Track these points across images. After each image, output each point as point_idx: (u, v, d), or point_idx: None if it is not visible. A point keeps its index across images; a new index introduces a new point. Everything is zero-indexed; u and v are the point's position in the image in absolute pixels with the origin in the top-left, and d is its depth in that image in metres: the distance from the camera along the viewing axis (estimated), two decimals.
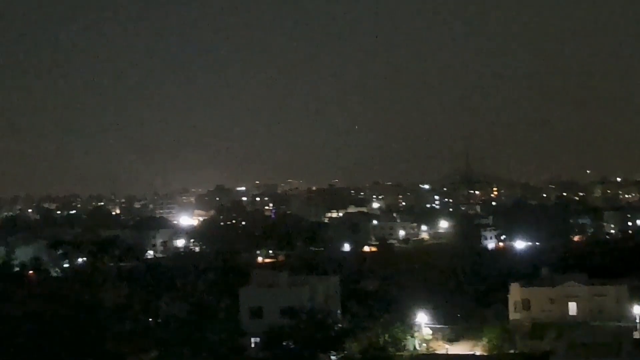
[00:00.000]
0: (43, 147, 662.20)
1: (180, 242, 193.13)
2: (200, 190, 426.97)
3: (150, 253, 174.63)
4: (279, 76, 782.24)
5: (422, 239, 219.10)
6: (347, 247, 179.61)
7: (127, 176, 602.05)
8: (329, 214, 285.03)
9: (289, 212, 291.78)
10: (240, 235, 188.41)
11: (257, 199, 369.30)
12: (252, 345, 67.24)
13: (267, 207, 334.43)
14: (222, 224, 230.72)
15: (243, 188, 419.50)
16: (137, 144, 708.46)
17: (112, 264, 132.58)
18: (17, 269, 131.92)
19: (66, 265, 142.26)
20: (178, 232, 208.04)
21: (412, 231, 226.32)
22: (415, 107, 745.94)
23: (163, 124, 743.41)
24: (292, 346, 62.17)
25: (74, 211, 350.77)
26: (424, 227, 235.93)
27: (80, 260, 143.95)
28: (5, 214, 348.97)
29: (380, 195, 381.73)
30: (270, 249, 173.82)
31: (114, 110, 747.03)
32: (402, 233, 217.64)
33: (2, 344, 62.53)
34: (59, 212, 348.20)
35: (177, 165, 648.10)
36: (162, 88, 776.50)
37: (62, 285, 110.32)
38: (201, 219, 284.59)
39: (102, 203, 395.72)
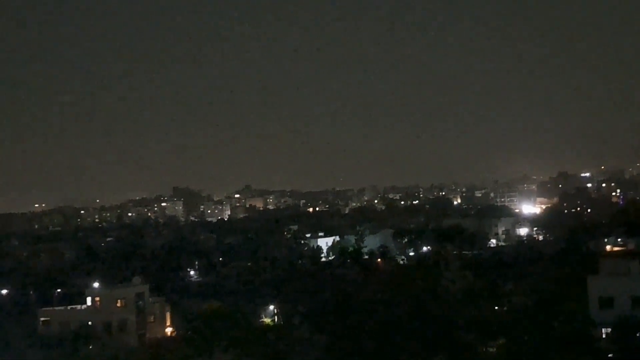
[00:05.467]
0: (394, 142, 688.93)
1: (522, 231, 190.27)
2: (541, 177, 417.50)
3: (492, 241, 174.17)
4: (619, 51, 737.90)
5: None
6: None
7: (467, 165, 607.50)
8: None
9: (638, 198, 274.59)
10: (585, 223, 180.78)
11: (603, 185, 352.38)
12: (603, 336, 64.15)
13: (613, 194, 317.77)
14: (566, 211, 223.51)
15: (587, 174, 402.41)
16: (477, 133, 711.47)
17: (455, 252, 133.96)
18: (366, 256, 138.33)
19: (411, 253, 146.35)
20: (520, 220, 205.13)
21: None
22: None
23: (496, 112, 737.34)
24: None
25: (416, 201, 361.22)
26: None
27: (424, 248, 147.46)
28: (354, 204, 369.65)
29: None
30: (619, 237, 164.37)
31: (450, 101, 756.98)
32: None
33: (353, 329, 66.07)
34: (402, 202, 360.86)
35: (517, 152, 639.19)
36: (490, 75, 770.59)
37: (408, 272, 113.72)
38: (543, 207, 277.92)
39: (444, 192, 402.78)
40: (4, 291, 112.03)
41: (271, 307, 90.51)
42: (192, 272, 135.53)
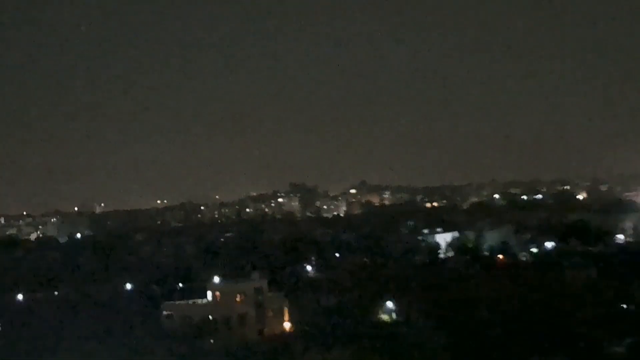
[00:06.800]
0: (514, 134, 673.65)
1: None
2: None
3: (619, 237, 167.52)
4: None
5: None
6: None
7: (591, 158, 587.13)
8: None
9: None
10: None
11: None
12: None
13: None
14: None
15: None
16: (602, 124, 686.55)
17: (579, 249, 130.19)
18: (486, 253, 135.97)
19: (533, 249, 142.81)
20: None
21: None
22: None
23: (621, 101, 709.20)
24: None
25: (538, 195, 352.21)
26: None
27: (547, 244, 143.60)
28: (473, 199, 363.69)
29: None
30: None
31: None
32: None
33: (475, 326, 64.67)
34: (523, 196, 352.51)
35: None
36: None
37: (530, 269, 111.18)
38: None
39: (567, 187, 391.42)
40: (129, 286, 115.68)
41: (389, 304, 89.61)
42: (309, 268, 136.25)
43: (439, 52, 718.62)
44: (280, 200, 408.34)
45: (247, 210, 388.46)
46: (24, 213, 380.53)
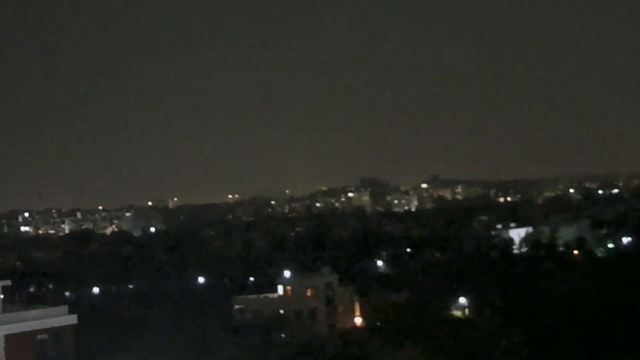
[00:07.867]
0: (590, 128, 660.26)
1: None
2: None
3: None
4: None
5: None
6: None
7: None
8: None
9: None
10: None
11: None
12: None
13: None
14: None
15: None
16: None
17: None
18: (561, 248, 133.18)
19: (611, 245, 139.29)
20: None
21: None
22: None
23: None
24: None
25: (616, 190, 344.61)
26: None
27: (625, 240, 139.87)
28: (548, 194, 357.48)
29: None
30: None
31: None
32: None
33: (551, 323, 63.14)
34: (600, 191, 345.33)
35: None
36: None
37: (607, 265, 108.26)
38: None
39: None
40: (202, 279, 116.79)
41: (462, 300, 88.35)
42: (379, 263, 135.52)
43: (513, 45, 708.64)
44: (350, 194, 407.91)
45: (317, 204, 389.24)
46: (100, 207, 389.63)
